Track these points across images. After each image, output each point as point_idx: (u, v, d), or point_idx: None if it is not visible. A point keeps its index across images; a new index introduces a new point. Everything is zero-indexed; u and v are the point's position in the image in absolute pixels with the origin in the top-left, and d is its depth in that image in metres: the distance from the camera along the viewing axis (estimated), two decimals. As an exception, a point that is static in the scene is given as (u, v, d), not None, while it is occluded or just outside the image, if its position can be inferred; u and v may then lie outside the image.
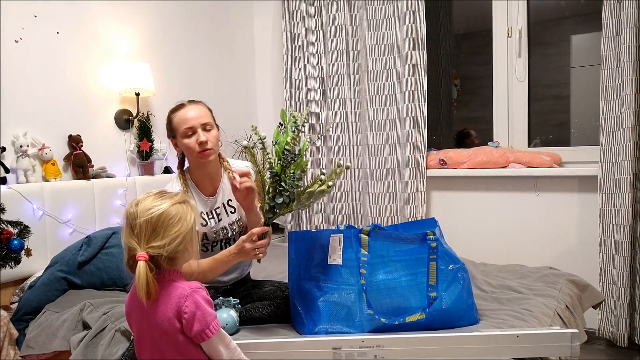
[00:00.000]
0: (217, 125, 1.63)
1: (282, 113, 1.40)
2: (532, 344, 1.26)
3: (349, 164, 1.41)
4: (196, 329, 1.04)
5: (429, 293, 1.40)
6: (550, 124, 2.90)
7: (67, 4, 2.19)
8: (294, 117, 1.38)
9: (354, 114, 2.86)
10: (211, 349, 1.07)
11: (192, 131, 1.55)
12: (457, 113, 3.48)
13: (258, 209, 1.51)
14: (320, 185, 1.35)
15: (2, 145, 1.90)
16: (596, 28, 2.32)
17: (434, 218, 1.58)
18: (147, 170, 2.46)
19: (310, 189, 1.35)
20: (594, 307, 1.96)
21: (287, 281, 1.72)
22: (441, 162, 2.64)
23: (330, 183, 1.35)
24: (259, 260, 1.48)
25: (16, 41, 2.00)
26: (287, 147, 1.35)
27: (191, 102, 1.62)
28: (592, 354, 2.26)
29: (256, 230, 1.41)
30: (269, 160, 1.38)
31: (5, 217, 1.61)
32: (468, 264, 2.02)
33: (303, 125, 1.38)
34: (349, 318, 1.38)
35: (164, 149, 2.49)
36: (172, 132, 1.61)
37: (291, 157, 1.35)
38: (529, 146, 2.61)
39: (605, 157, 2.19)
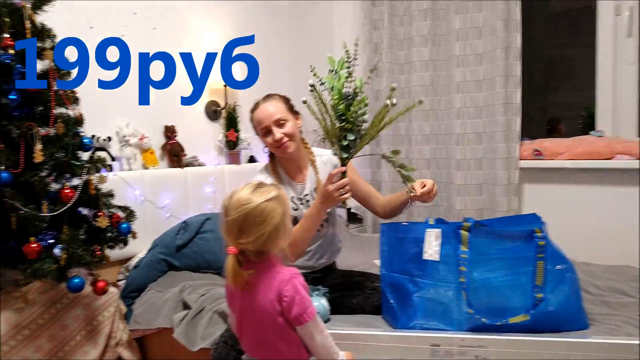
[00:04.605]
0: (296, 113, 1.64)
1: (329, 60, 1.41)
2: (658, 356, 1.14)
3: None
4: (295, 312, 1.08)
5: (535, 294, 1.31)
6: (665, 110, 2.58)
7: (162, 3, 2.30)
8: (343, 58, 1.40)
9: (438, 102, 2.74)
10: (306, 333, 1.10)
11: (266, 130, 1.60)
12: (545, 99, 3.24)
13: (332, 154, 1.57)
14: (384, 107, 1.40)
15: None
16: None
17: (535, 214, 1.47)
18: (234, 159, 2.54)
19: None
20: None
21: (371, 272, 1.71)
22: (536, 153, 2.46)
23: (394, 101, 1.39)
24: (344, 203, 1.49)
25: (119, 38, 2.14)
26: (344, 89, 1.39)
27: (265, 98, 1.64)
28: None
29: (334, 171, 1.44)
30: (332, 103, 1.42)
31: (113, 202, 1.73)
32: (569, 263, 1.87)
33: (360, 88, 1.41)
34: (445, 315, 1.33)
35: (250, 139, 2.56)
36: (255, 130, 1.68)
37: (351, 96, 1.39)
38: (638, 136, 2.35)
39: None
